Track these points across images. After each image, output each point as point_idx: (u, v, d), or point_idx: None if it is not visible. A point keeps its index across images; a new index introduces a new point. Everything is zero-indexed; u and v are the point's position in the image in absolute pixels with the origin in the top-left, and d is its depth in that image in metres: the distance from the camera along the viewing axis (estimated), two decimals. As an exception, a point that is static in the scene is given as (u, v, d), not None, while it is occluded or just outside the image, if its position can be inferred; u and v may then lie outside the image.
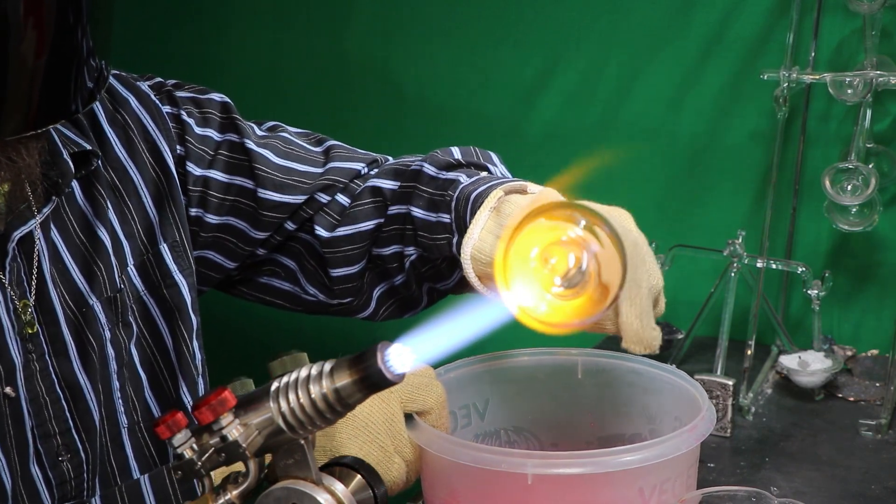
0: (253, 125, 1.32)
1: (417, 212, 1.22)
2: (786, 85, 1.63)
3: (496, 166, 1.26)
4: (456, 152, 1.25)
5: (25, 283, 1.12)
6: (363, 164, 1.31)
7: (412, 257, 1.24)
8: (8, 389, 1.09)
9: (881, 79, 1.56)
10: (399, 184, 1.26)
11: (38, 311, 1.12)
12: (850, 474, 1.37)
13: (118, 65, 1.22)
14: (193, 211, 1.27)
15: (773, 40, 1.71)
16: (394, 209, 1.25)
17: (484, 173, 1.21)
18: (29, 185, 1.08)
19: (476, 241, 1.07)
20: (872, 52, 1.59)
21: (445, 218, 1.18)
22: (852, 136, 1.62)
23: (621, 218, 1.04)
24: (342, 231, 1.27)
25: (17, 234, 1.11)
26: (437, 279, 1.27)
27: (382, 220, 1.26)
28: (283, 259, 1.33)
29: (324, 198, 1.29)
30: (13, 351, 1.10)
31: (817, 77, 1.62)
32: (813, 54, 1.68)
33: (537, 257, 0.88)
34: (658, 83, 1.82)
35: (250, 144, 1.28)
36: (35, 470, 1.10)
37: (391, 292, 1.31)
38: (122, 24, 2.22)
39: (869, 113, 1.62)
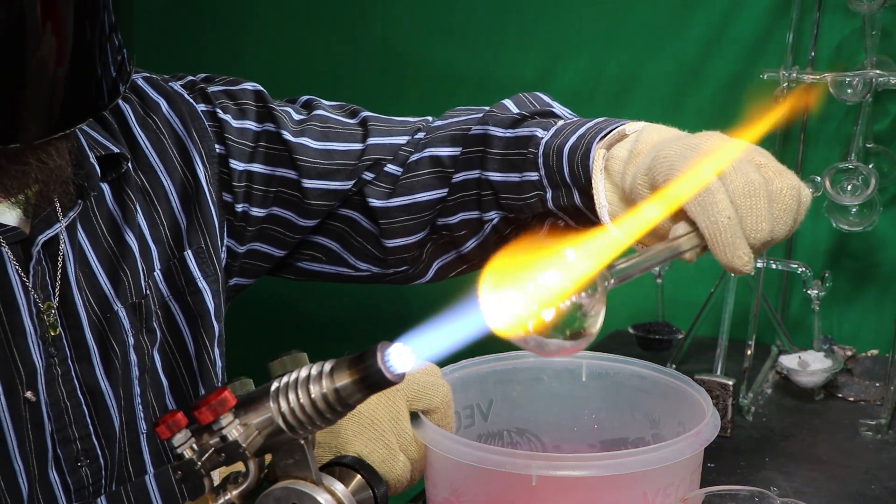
0: (289, 109, 1.30)
1: (494, 175, 1.20)
2: (786, 85, 1.62)
3: (554, 107, 1.25)
4: (512, 106, 1.24)
5: (50, 287, 1.11)
6: (406, 138, 1.29)
7: (494, 221, 1.23)
8: (28, 394, 1.08)
9: (881, 79, 1.56)
10: (461, 149, 1.24)
11: (61, 314, 1.11)
12: (850, 474, 1.37)
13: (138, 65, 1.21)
14: (240, 207, 1.26)
15: (773, 40, 1.71)
16: (459, 176, 1.24)
17: (557, 122, 1.19)
18: (60, 187, 1.07)
19: (607, 206, 1.06)
20: (872, 52, 1.59)
21: (532, 176, 1.16)
22: (852, 136, 1.62)
23: (711, 141, 1.00)
24: (397, 201, 1.26)
25: (42, 238, 1.10)
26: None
27: (447, 190, 1.25)
28: (322, 241, 1.31)
29: (368, 175, 1.27)
30: (35, 355, 1.09)
31: (817, 77, 1.61)
32: (813, 54, 1.68)
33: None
34: (658, 83, 1.82)
35: (287, 136, 1.26)
36: (53, 475, 1.10)
37: (457, 261, 1.30)
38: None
39: (869, 113, 1.62)
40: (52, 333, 1.10)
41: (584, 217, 1.15)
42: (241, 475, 0.83)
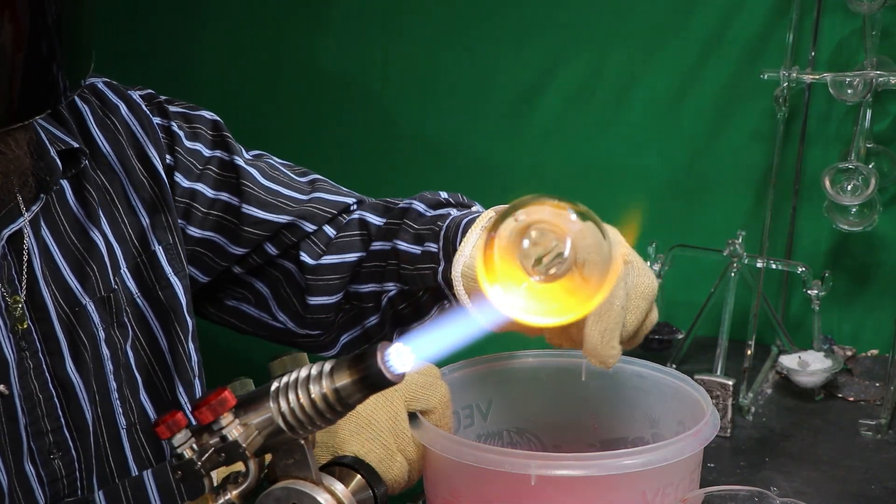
0: (242, 146, 1.33)
1: (402, 245, 1.23)
2: (786, 85, 1.62)
3: (476, 206, 1.28)
4: (444, 194, 1.28)
5: (16, 281, 1.12)
6: (353, 200, 1.32)
7: (391, 293, 1.25)
8: (2, 387, 1.09)
9: (881, 79, 1.56)
10: (385, 220, 1.28)
11: (29, 308, 1.13)
12: (850, 474, 1.37)
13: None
14: (178, 222, 1.27)
15: (773, 40, 1.71)
16: (377, 245, 1.27)
17: (474, 208, 1.24)
18: (20, 179, 1.08)
19: (467, 258, 1.07)
20: (872, 52, 1.59)
21: (432, 247, 1.19)
22: (852, 136, 1.62)
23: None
24: (327, 260, 1.29)
25: (7, 233, 1.11)
26: (416, 317, 1.28)
27: (364, 255, 1.28)
28: (258, 284, 1.33)
29: (309, 227, 1.29)
30: (6, 348, 1.10)
31: (817, 77, 1.62)
32: (813, 54, 1.68)
33: (518, 246, 0.89)
34: (658, 83, 1.82)
35: (239, 161, 1.29)
36: (29, 467, 1.11)
37: (362, 338, 1.32)
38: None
39: (869, 113, 1.62)
40: (21, 327, 1.11)
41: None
42: (241, 475, 0.84)
